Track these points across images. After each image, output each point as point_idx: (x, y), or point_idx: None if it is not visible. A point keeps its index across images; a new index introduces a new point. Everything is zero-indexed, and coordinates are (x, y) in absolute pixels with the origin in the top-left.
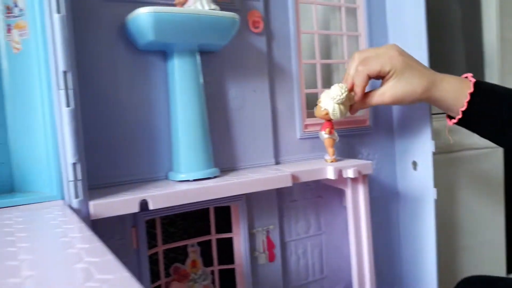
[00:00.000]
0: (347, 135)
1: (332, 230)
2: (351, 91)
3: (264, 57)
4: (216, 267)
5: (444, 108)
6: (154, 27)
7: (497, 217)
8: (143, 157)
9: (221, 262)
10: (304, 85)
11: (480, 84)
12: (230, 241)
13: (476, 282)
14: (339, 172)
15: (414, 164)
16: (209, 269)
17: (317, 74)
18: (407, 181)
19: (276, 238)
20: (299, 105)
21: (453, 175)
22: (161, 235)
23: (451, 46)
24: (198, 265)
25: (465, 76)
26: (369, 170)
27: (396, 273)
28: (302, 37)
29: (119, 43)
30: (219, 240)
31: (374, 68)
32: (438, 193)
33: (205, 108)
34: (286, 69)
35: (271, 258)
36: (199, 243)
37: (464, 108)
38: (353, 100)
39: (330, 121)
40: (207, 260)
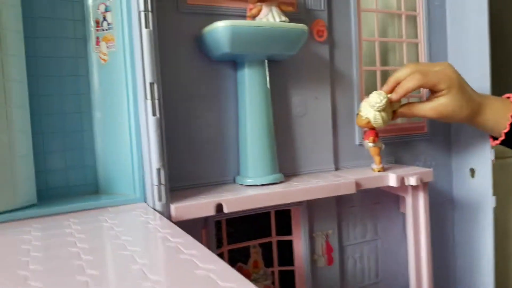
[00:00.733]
0: (404, 142)
1: (388, 236)
2: (391, 91)
3: (327, 65)
4: (276, 268)
5: (486, 131)
6: (231, 40)
7: None
8: (214, 162)
9: (281, 264)
10: (364, 92)
11: None
12: (289, 243)
13: None
14: (401, 180)
15: (472, 172)
16: (270, 270)
17: (377, 81)
18: (464, 189)
19: (335, 242)
20: None
21: (509, 181)
22: (226, 236)
23: None
24: (260, 266)
25: (507, 96)
26: (430, 178)
27: (450, 281)
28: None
29: (194, 54)
30: (279, 242)
31: (432, 81)
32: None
33: (272, 116)
34: (347, 76)
35: (330, 262)
36: (260, 245)
37: (507, 130)
38: (397, 106)
39: (374, 129)
40: (268, 261)
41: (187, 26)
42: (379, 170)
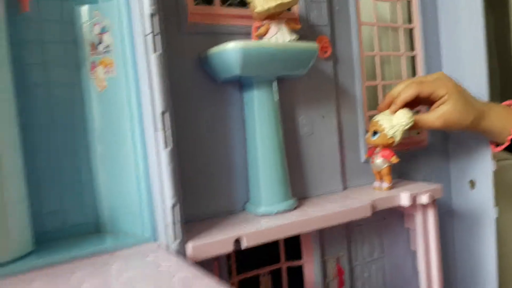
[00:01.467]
0: (406, 156)
1: (393, 252)
2: (387, 107)
3: (332, 82)
4: None
5: (490, 137)
6: (242, 62)
7: None
8: (222, 190)
9: None
10: (367, 108)
11: None
12: (298, 268)
13: None
14: (413, 199)
15: (472, 183)
16: None
17: (379, 96)
18: (463, 200)
19: (345, 264)
20: (363, 128)
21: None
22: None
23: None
24: None
25: (508, 104)
26: (440, 194)
27: None
28: None
29: (196, 76)
30: (288, 267)
31: (429, 88)
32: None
33: (282, 138)
34: (350, 92)
35: (341, 285)
36: (270, 272)
37: None
38: None
39: (387, 148)
40: None
41: (189, 47)
42: (390, 189)
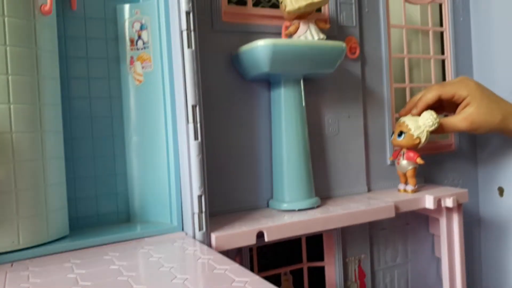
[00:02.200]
0: (433, 160)
1: (418, 258)
2: (409, 112)
3: (359, 82)
4: None
5: None
6: (271, 59)
7: None
8: (247, 185)
9: None
10: (394, 110)
11: None
12: (320, 270)
13: None
14: (438, 201)
15: (501, 191)
16: None
17: (407, 98)
18: (492, 208)
19: (367, 267)
20: (390, 130)
21: None
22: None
23: None
24: None
25: None
26: (466, 199)
27: None
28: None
29: (227, 73)
30: (310, 269)
31: (450, 90)
32: None
33: (308, 137)
34: (378, 93)
35: None
36: (291, 272)
37: None
38: None
39: (412, 150)
40: None
41: (221, 45)
42: (415, 191)
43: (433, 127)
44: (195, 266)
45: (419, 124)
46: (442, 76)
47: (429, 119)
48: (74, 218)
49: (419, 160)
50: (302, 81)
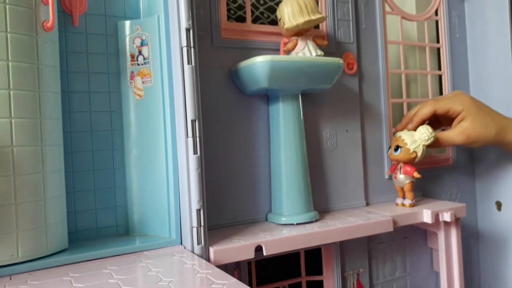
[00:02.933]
0: (430, 175)
1: (417, 272)
2: (406, 126)
3: (356, 97)
4: None
5: None
6: (269, 75)
7: None
8: (246, 198)
9: None
10: (392, 124)
11: None
12: (318, 283)
13: None
14: (436, 216)
15: (498, 205)
16: None
17: (404, 112)
18: (490, 222)
19: (366, 281)
20: (388, 144)
21: None
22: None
23: None
24: None
25: None
26: (463, 213)
27: None
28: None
29: (226, 88)
30: (308, 282)
31: (445, 105)
32: None
33: (306, 151)
34: (375, 108)
35: None
36: (289, 286)
37: None
38: None
39: (409, 164)
40: None
41: (220, 60)
42: (412, 206)
43: (429, 142)
44: (193, 281)
45: (415, 139)
46: (439, 91)
47: (425, 134)
48: (73, 232)
49: (416, 174)
50: (300, 96)
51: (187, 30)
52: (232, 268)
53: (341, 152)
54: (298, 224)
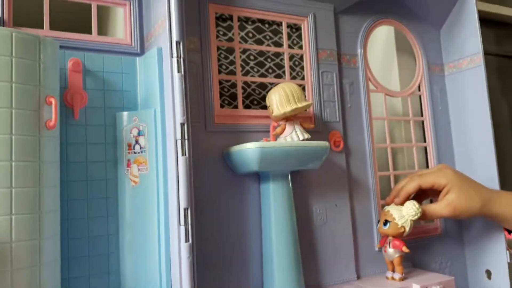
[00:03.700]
0: (420, 244)
1: None
2: (394, 199)
3: (344, 172)
4: None
5: (503, 222)
6: (259, 160)
7: None
8: (238, 276)
9: None
10: (380, 197)
11: None
12: None
13: None
14: None
15: (488, 273)
16: None
17: (392, 184)
18: None
19: None
20: (376, 217)
21: None
22: None
23: None
24: None
25: None
26: (452, 286)
27: None
28: None
29: (219, 168)
30: None
31: (430, 179)
32: None
33: (297, 227)
34: (363, 182)
35: None
36: None
37: None
38: None
39: (398, 238)
40: None
41: (214, 143)
42: (403, 279)
43: (416, 217)
44: None
45: (403, 214)
46: (426, 161)
47: (412, 209)
48: None
49: (405, 249)
50: (290, 174)
51: (182, 125)
52: None
53: (331, 227)
54: None
